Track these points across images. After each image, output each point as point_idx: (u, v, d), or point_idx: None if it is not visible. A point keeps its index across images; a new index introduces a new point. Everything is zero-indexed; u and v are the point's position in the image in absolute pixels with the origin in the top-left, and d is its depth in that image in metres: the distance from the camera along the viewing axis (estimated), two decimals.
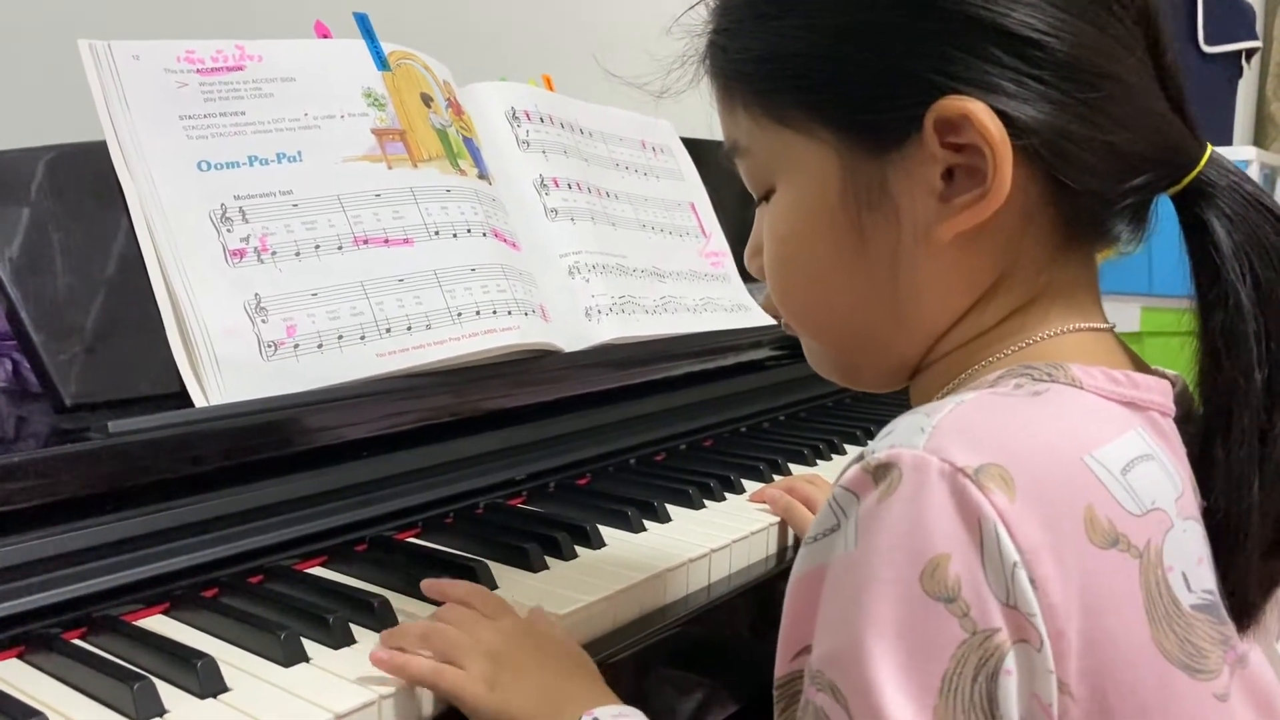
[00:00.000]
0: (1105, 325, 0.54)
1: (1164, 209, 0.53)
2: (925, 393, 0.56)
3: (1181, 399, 0.52)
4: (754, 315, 1.18)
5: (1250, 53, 3.05)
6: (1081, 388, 0.49)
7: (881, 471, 0.45)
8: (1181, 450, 0.50)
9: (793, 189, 0.55)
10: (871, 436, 1.22)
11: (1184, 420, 0.51)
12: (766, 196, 0.57)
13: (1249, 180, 0.51)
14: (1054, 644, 0.43)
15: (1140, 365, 0.54)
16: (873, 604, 0.43)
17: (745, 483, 0.97)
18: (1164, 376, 0.53)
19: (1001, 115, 0.48)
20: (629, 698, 0.68)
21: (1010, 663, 0.42)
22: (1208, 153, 0.51)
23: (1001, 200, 0.49)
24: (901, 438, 0.46)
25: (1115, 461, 0.46)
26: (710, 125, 0.60)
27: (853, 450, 1.14)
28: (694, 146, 1.26)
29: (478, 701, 0.59)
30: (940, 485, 0.43)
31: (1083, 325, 0.53)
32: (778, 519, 0.88)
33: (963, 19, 0.48)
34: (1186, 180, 0.51)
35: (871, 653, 0.43)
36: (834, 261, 0.54)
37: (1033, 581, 0.43)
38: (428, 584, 0.69)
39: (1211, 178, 0.50)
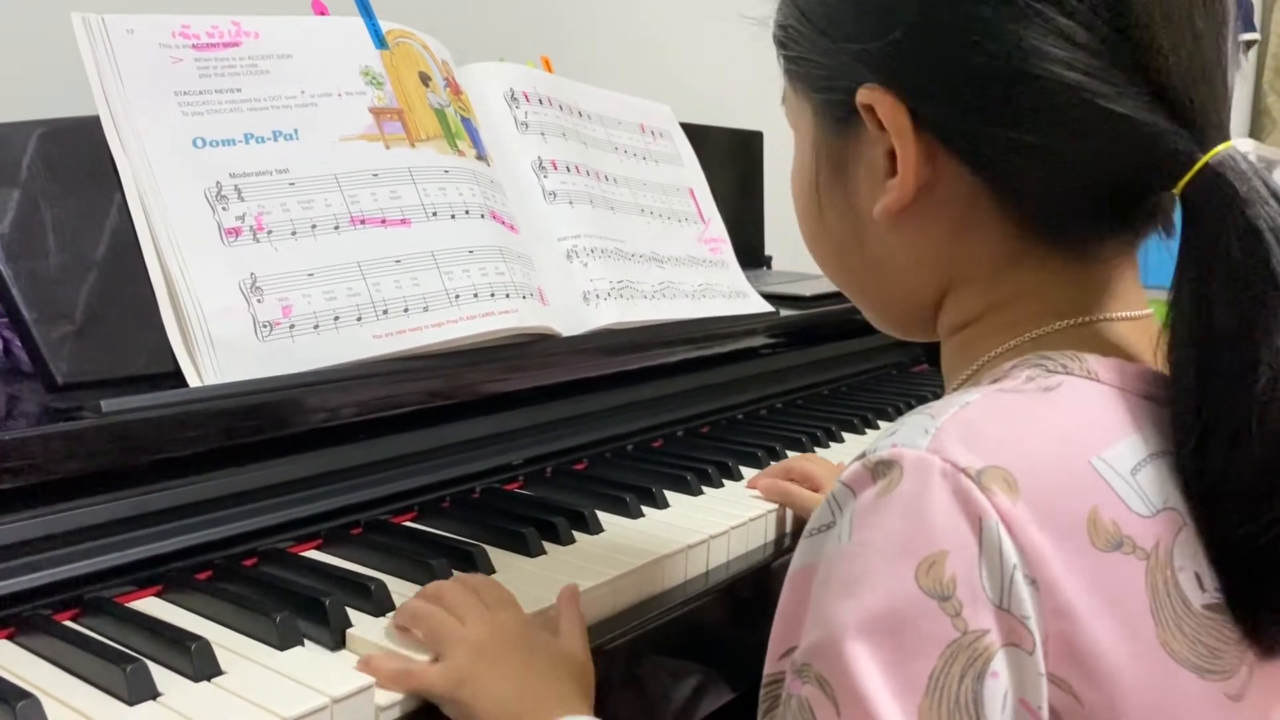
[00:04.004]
0: (1130, 315, 0.53)
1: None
2: (951, 365, 0.57)
3: None
4: (752, 302, 1.17)
5: (1248, 45, 3.05)
6: (1098, 380, 0.48)
7: (882, 468, 0.45)
8: None
9: (797, 143, 0.60)
10: (869, 424, 1.23)
11: None
12: None
13: (1258, 182, 0.46)
14: (1053, 645, 0.43)
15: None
16: (864, 596, 0.43)
17: (743, 469, 0.96)
18: None
19: (913, 111, 0.50)
20: (625, 683, 0.68)
21: (997, 665, 0.42)
22: (1212, 153, 0.46)
23: (910, 185, 0.51)
24: (905, 437, 0.46)
25: (1125, 462, 0.46)
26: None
27: (850, 437, 1.13)
28: (693, 131, 1.25)
29: (444, 696, 0.58)
30: (942, 485, 0.43)
31: (1099, 316, 0.52)
32: (776, 506, 0.88)
33: (898, 14, 0.50)
34: (1183, 183, 0.47)
35: (856, 646, 0.42)
36: (817, 217, 0.59)
37: (1034, 584, 0.42)
38: (437, 584, 0.67)
39: (1222, 174, 0.46)
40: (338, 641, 0.62)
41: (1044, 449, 0.45)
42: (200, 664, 0.57)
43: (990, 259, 0.53)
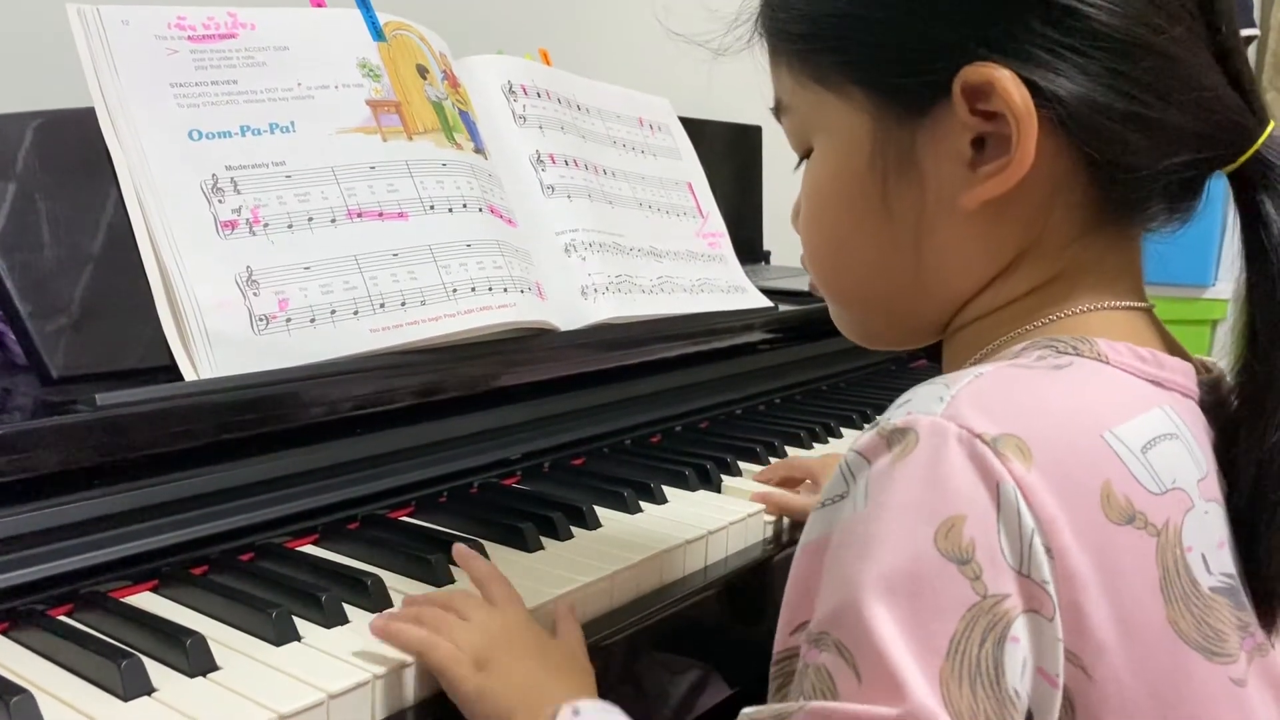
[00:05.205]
0: (1141, 304, 0.53)
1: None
2: (956, 358, 0.55)
3: (1215, 385, 0.51)
4: (750, 297, 1.17)
5: (1248, 40, 3.05)
6: (1107, 362, 0.48)
7: (897, 435, 0.45)
8: (1205, 432, 0.49)
9: (826, 149, 0.55)
10: (867, 419, 1.23)
11: (1217, 406, 0.50)
12: (807, 156, 0.57)
13: None
14: (1067, 614, 0.42)
15: (1174, 348, 0.53)
16: (883, 558, 0.42)
17: (742, 465, 0.96)
18: (1197, 361, 0.53)
19: (1030, 84, 0.47)
20: (624, 679, 0.68)
21: (1017, 630, 0.42)
22: (1268, 130, 0.49)
23: (1025, 171, 0.48)
24: (919, 405, 0.45)
25: (1135, 439, 0.46)
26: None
27: (849, 433, 1.13)
28: (691, 125, 1.25)
29: (461, 680, 0.58)
30: (958, 449, 0.43)
31: (1115, 303, 0.52)
32: None
33: None
34: (1242, 159, 0.49)
35: (876, 608, 0.42)
36: (859, 224, 0.54)
37: (1049, 551, 0.42)
38: (459, 549, 0.68)
39: (1270, 158, 0.49)
40: (334, 637, 0.61)
41: (1057, 420, 0.45)
42: (195, 659, 0.56)
43: (1059, 241, 0.51)
